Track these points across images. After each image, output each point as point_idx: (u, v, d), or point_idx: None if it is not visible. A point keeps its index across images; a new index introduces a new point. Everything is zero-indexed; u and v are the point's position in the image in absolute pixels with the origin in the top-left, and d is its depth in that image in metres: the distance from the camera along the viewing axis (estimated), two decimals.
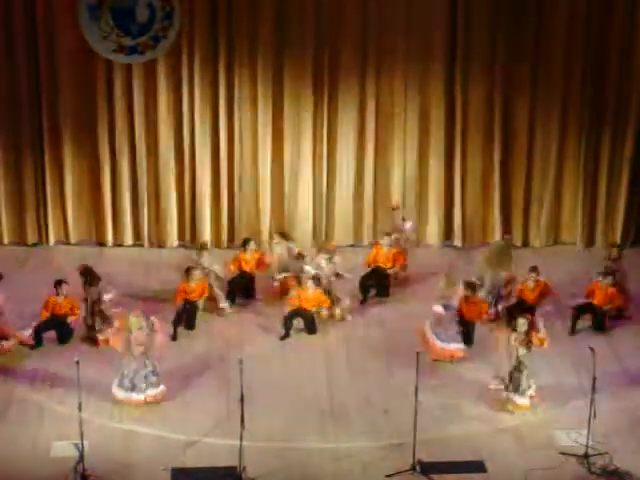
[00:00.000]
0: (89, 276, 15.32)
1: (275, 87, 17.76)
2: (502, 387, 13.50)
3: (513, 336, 13.34)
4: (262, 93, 17.77)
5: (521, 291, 15.80)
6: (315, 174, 18.31)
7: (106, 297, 15.14)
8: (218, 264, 16.30)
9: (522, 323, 13.35)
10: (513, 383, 13.43)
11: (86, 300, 15.21)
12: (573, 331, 15.56)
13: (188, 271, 15.65)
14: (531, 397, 13.47)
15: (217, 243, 18.40)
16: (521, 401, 13.44)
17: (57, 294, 15.09)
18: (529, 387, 13.43)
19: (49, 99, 17.60)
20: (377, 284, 16.67)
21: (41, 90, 17.54)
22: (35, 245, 18.28)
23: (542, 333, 13.43)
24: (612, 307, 15.67)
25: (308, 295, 15.47)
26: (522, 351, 13.31)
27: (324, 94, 17.86)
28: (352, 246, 18.44)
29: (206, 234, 18.34)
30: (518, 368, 13.38)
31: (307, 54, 17.59)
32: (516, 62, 17.73)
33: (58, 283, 15.13)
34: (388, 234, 16.82)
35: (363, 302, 16.45)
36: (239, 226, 18.47)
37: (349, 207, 18.49)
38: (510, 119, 18.07)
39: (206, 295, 15.77)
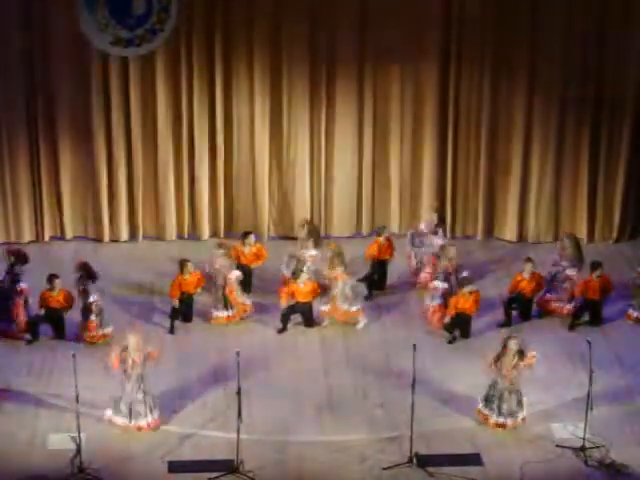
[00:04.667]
0: (86, 273, 15.28)
1: (273, 78, 17.73)
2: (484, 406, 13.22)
3: (507, 360, 12.96)
4: (260, 84, 17.74)
5: (518, 282, 15.82)
6: (313, 165, 18.31)
7: (90, 299, 15.06)
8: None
9: (514, 344, 13.01)
10: (501, 404, 13.04)
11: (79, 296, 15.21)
12: (572, 327, 15.58)
13: (182, 264, 15.63)
14: (523, 420, 13.17)
15: (215, 235, 18.39)
16: (508, 421, 13.10)
17: (51, 289, 15.09)
18: (520, 410, 13.13)
19: (44, 94, 17.50)
20: (379, 277, 16.66)
21: (36, 85, 17.45)
22: (31, 242, 18.20)
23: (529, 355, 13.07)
24: (606, 296, 15.73)
25: (302, 289, 15.47)
26: (516, 372, 13.01)
27: (322, 85, 17.84)
28: (351, 237, 18.40)
29: (204, 226, 18.36)
30: (513, 391, 13.03)
31: (304, 44, 17.55)
32: (512, 61, 17.69)
33: (51, 278, 15.12)
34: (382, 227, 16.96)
35: (368, 298, 16.38)
36: (237, 218, 18.48)
37: (347, 198, 18.50)
38: (507, 117, 18.04)
39: (202, 285, 15.74)
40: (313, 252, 16.28)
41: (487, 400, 13.14)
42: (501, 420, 13.07)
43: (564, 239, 16.41)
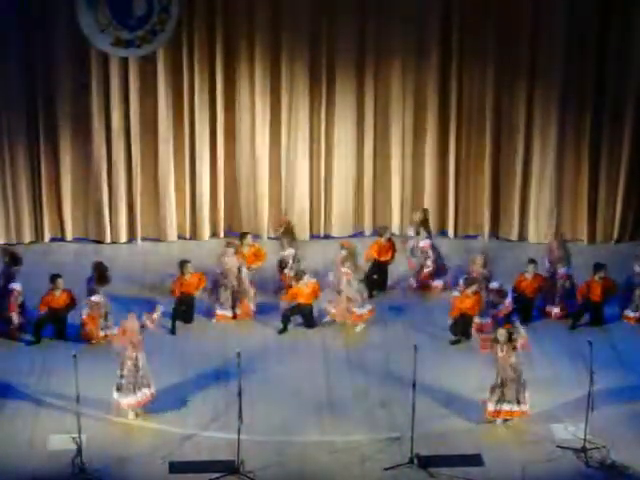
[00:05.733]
0: (98, 274, 15.29)
1: (273, 78, 17.75)
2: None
3: (498, 348, 13.03)
4: (260, 85, 17.77)
5: (519, 283, 15.82)
6: (313, 165, 18.32)
7: (93, 298, 15.09)
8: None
9: (501, 334, 13.07)
10: (508, 393, 13.07)
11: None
12: (573, 327, 15.59)
13: (182, 265, 15.62)
14: (523, 413, 13.16)
15: (215, 235, 18.38)
16: (521, 409, 13.16)
17: (53, 289, 15.07)
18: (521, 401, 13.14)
19: (44, 94, 17.50)
20: (380, 277, 16.65)
21: (36, 85, 17.45)
22: (31, 243, 18.17)
23: (522, 335, 13.09)
24: (608, 297, 15.73)
25: (304, 290, 15.46)
26: (514, 359, 13.02)
27: (322, 84, 17.88)
28: (351, 237, 18.38)
29: (205, 226, 18.35)
30: (515, 378, 13.05)
31: (304, 42, 17.58)
32: (512, 59, 17.73)
33: (54, 277, 15.10)
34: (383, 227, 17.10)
35: (369, 298, 16.32)
36: (237, 218, 18.46)
37: (347, 198, 18.51)
38: (509, 115, 18.06)
39: (202, 287, 15.73)
40: (288, 251, 16.27)
41: (492, 390, 13.14)
42: (500, 407, 13.05)
43: (552, 241, 16.48)
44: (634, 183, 18.33)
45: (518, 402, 13.09)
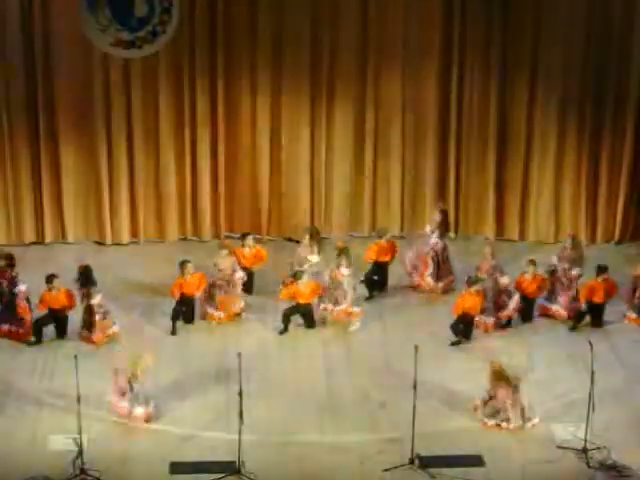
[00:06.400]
0: (85, 277, 15.27)
1: (274, 80, 17.78)
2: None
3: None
4: (261, 86, 17.79)
5: (519, 283, 15.81)
6: (313, 166, 18.33)
7: (93, 301, 15.07)
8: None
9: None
10: (489, 406, 13.10)
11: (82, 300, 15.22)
12: (574, 328, 15.57)
13: (182, 265, 15.61)
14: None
15: (216, 236, 18.39)
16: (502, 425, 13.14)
17: (50, 289, 15.06)
18: (524, 419, 13.07)
19: (45, 96, 17.51)
20: (380, 279, 16.65)
21: (37, 86, 17.47)
22: (32, 244, 18.19)
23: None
24: (609, 299, 15.73)
25: (303, 290, 15.46)
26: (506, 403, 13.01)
27: (323, 86, 17.90)
28: (351, 236, 18.39)
29: (206, 227, 18.37)
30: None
31: (306, 45, 17.60)
32: (513, 59, 17.76)
33: (50, 277, 15.08)
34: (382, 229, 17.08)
35: (369, 299, 16.37)
36: (238, 219, 18.47)
37: (347, 199, 18.51)
38: (508, 116, 18.09)
39: (203, 287, 15.73)
40: (313, 257, 16.25)
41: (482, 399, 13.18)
42: (482, 419, 13.10)
43: (567, 240, 16.47)
44: (635, 183, 18.35)
45: (493, 416, 13.05)
